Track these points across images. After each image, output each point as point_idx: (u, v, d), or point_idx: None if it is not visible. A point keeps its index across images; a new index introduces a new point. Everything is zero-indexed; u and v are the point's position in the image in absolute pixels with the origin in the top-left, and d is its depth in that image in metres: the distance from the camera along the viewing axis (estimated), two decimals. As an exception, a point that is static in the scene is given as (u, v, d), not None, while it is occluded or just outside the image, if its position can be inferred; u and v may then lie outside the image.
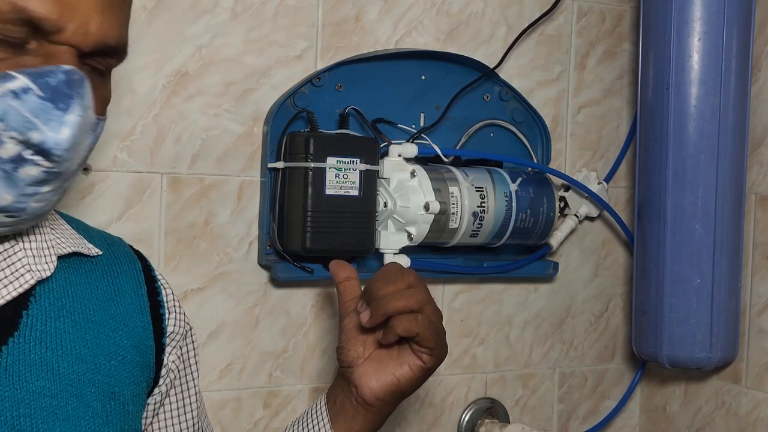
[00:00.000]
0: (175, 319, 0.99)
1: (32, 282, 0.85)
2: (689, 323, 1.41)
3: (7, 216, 0.79)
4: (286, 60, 1.31)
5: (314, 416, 1.06)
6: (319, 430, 1.05)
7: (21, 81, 0.74)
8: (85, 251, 0.92)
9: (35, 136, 0.75)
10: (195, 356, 1.03)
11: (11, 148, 0.75)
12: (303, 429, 1.07)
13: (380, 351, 1.02)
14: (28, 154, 0.75)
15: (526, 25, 1.47)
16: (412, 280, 1.01)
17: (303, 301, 1.35)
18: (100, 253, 0.93)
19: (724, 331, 1.43)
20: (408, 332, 0.98)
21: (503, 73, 1.45)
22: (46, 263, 0.87)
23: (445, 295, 1.46)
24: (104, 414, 0.88)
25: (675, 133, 1.39)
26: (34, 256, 0.86)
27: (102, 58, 0.82)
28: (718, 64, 1.37)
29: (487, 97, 1.44)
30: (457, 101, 1.40)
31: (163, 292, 0.99)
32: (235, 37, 1.28)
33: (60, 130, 0.75)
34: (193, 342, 1.03)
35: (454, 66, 1.40)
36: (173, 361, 0.99)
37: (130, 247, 1.00)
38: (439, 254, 1.39)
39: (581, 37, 1.54)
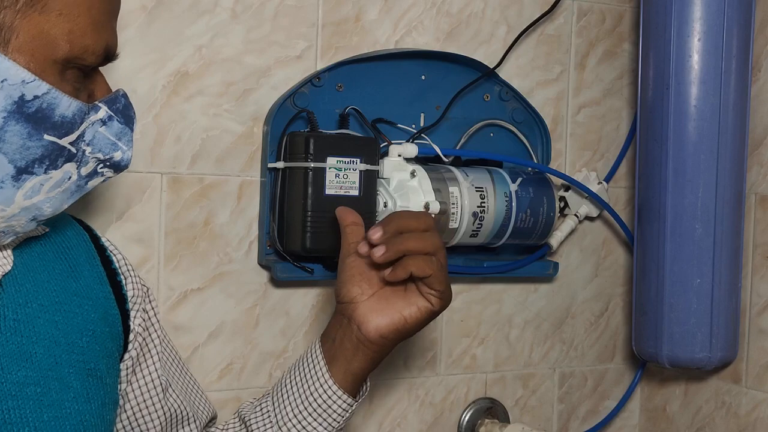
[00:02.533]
0: (133, 283, 1.01)
1: None
2: (689, 323, 1.41)
3: (47, 219, 0.87)
4: (286, 60, 1.31)
5: (310, 359, 1.07)
6: (316, 372, 1.06)
7: (104, 111, 0.86)
8: (33, 232, 0.93)
9: (117, 155, 0.87)
10: (155, 315, 1.05)
11: (91, 166, 0.86)
12: (299, 374, 1.07)
13: (386, 290, 1.04)
14: (100, 167, 0.87)
15: (526, 25, 1.47)
16: (432, 223, 1.04)
17: (303, 301, 1.35)
18: (47, 230, 0.94)
19: (724, 331, 1.43)
20: (422, 273, 1.01)
21: (503, 73, 1.45)
22: (4, 258, 0.88)
23: (445, 295, 1.46)
24: (85, 392, 0.90)
25: (675, 133, 1.39)
26: None
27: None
28: (718, 64, 1.37)
29: (487, 97, 1.44)
30: (457, 101, 1.40)
31: (114, 258, 1.01)
32: (235, 37, 1.28)
33: (131, 147, 0.89)
34: (151, 302, 1.05)
35: (454, 66, 1.40)
36: (139, 324, 1.01)
37: (71, 216, 1.01)
38: (439, 254, 1.39)
39: (581, 37, 1.54)
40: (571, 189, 1.52)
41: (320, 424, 1.06)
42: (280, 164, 1.27)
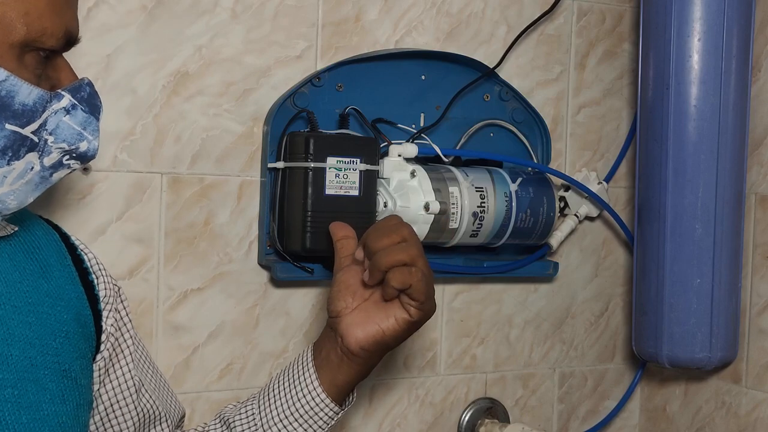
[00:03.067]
0: (105, 282, 0.99)
1: None
2: (689, 323, 1.41)
3: (13, 214, 0.85)
4: (286, 60, 1.31)
5: (300, 367, 1.08)
6: (304, 379, 1.06)
7: (67, 99, 0.83)
8: (1, 232, 0.91)
9: (83, 146, 0.85)
10: (127, 314, 1.03)
11: (55, 157, 0.84)
12: (288, 379, 1.08)
13: (368, 303, 1.05)
14: (65, 158, 0.84)
15: (526, 25, 1.47)
16: (406, 234, 1.04)
17: (303, 301, 1.35)
18: (16, 228, 0.92)
19: (724, 331, 1.43)
20: (402, 284, 1.01)
21: (503, 73, 1.45)
22: None
23: (445, 295, 1.46)
24: (60, 394, 0.89)
25: (675, 133, 1.39)
26: None
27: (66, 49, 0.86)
28: (718, 64, 1.37)
29: (487, 97, 1.44)
30: (457, 101, 1.40)
31: (86, 258, 0.99)
32: (235, 37, 1.28)
33: (97, 137, 0.86)
34: (123, 302, 1.03)
35: (454, 66, 1.40)
36: (111, 325, 0.99)
37: (39, 216, 1.00)
38: (439, 254, 1.39)
39: (581, 37, 1.54)
40: (571, 189, 1.52)
41: (305, 430, 1.06)
42: (280, 164, 1.27)
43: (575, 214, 1.52)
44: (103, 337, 0.98)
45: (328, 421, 1.07)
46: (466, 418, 1.49)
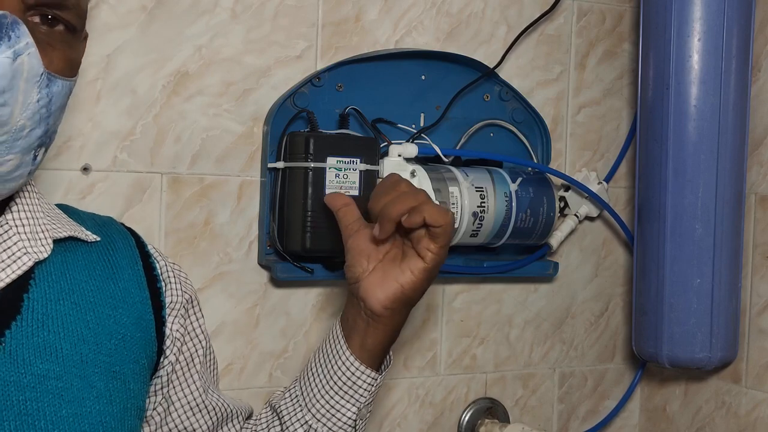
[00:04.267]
0: (173, 289, 1.00)
1: (30, 264, 0.87)
2: (689, 323, 1.41)
3: None
4: (286, 60, 1.31)
5: (331, 341, 1.09)
6: (337, 351, 1.07)
7: None
8: (83, 237, 0.93)
9: None
10: (197, 320, 1.05)
11: None
12: (324, 355, 1.09)
13: (383, 263, 1.06)
14: None
15: (526, 25, 1.47)
16: (405, 186, 1.06)
17: (303, 301, 1.35)
18: (98, 239, 0.95)
19: (724, 331, 1.43)
20: (417, 222, 1.01)
21: (503, 73, 1.45)
22: (42, 246, 0.88)
23: (445, 295, 1.46)
24: (107, 393, 0.89)
25: (675, 133, 1.39)
26: (29, 239, 0.88)
27: (50, 9, 0.82)
28: (718, 64, 1.37)
29: (487, 97, 1.44)
30: (457, 101, 1.40)
31: (158, 264, 1.00)
32: (235, 37, 1.28)
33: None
34: (194, 308, 1.04)
35: (454, 66, 1.40)
36: (177, 330, 1.00)
37: (122, 224, 1.02)
38: (439, 254, 1.39)
39: (581, 37, 1.54)
40: (571, 189, 1.52)
41: (347, 401, 1.07)
42: (280, 164, 1.27)
43: (575, 214, 1.52)
44: (168, 342, 0.99)
45: (368, 389, 1.08)
46: (466, 418, 1.49)
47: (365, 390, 1.08)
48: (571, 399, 1.59)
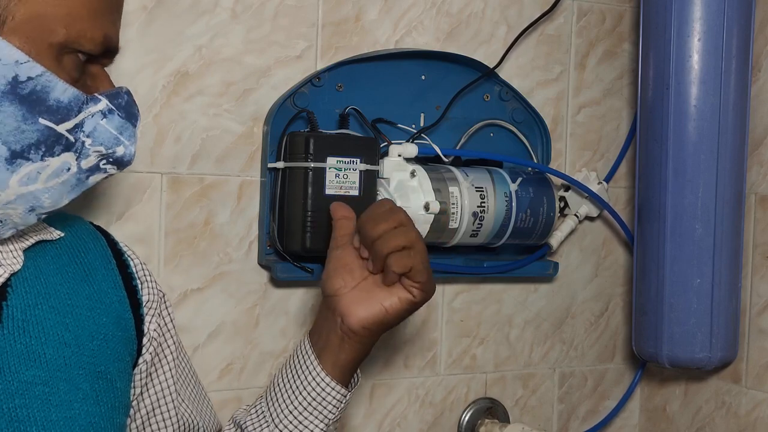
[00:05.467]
0: (149, 287, 1.01)
1: (6, 276, 0.87)
2: (689, 323, 1.41)
3: (48, 213, 0.86)
4: (286, 60, 1.31)
5: (300, 355, 1.08)
6: (307, 366, 1.06)
7: (104, 103, 0.84)
8: (48, 236, 0.93)
9: (120, 150, 0.86)
10: (171, 321, 1.05)
11: (92, 160, 0.85)
12: (291, 370, 1.08)
13: (368, 281, 1.06)
14: (102, 162, 0.86)
15: (526, 25, 1.47)
16: (401, 218, 1.06)
17: (303, 301, 1.35)
18: (62, 235, 0.95)
19: (724, 331, 1.43)
20: (404, 268, 1.03)
21: (503, 73, 1.45)
22: (14, 258, 0.88)
23: (445, 295, 1.46)
24: (94, 394, 0.89)
25: (675, 133, 1.39)
26: (1, 252, 0.88)
27: (106, 60, 0.88)
28: (718, 64, 1.37)
29: (487, 97, 1.44)
30: (457, 101, 1.40)
31: (132, 263, 1.00)
32: (235, 37, 1.28)
33: (134, 143, 0.87)
34: (167, 308, 1.04)
35: (454, 66, 1.40)
36: (154, 330, 1.01)
37: (91, 223, 1.02)
38: (439, 254, 1.39)
39: (581, 37, 1.54)
40: (571, 189, 1.52)
41: (316, 417, 1.06)
42: (280, 164, 1.27)
43: (575, 214, 1.52)
44: (145, 340, 0.99)
45: (337, 405, 1.06)
46: (466, 418, 1.49)
47: (334, 406, 1.06)
48: (571, 399, 1.59)
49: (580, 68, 1.54)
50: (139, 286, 1.00)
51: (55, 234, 0.94)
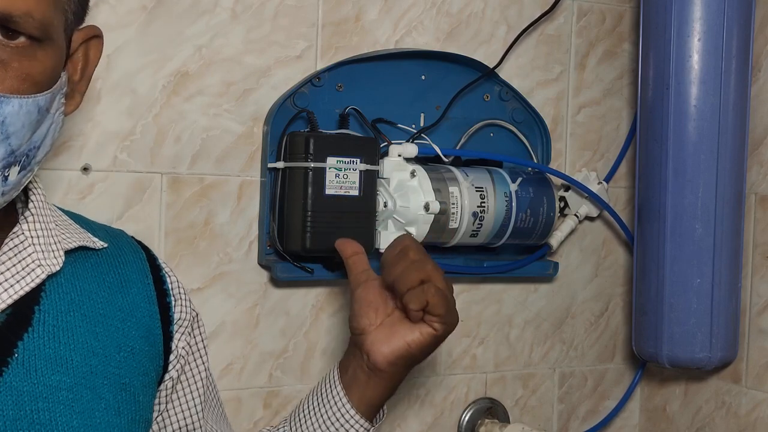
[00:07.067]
0: (182, 306, 1.01)
1: (43, 276, 0.87)
2: (689, 323, 1.41)
3: None
4: (286, 60, 1.31)
5: (328, 387, 1.08)
6: (333, 397, 1.07)
7: None
8: (91, 245, 0.94)
9: None
10: (203, 341, 1.05)
11: None
12: (318, 399, 1.08)
13: (392, 318, 1.06)
14: None
15: (526, 25, 1.47)
16: (413, 255, 1.05)
17: (303, 301, 1.35)
18: (105, 245, 0.95)
19: (724, 331, 1.43)
20: (420, 305, 1.02)
21: (503, 73, 1.45)
22: (55, 258, 0.88)
23: (445, 295, 1.46)
24: (116, 405, 0.89)
25: (675, 133, 1.39)
26: (43, 251, 0.88)
27: (6, 29, 0.79)
28: (718, 64, 1.37)
29: (487, 97, 1.44)
30: (457, 101, 1.40)
31: (168, 280, 1.00)
32: (235, 37, 1.28)
33: None
34: (200, 328, 1.04)
35: (454, 66, 1.40)
36: (183, 347, 1.00)
37: (133, 238, 1.02)
38: (439, 254, 1.39)
39: (581, 37, 1.54)
40: (571, 189, 1.52)
41: None
42: (280, 164, 1.27)
43: (575, 214, 1.52)
44: (172, 357, 0.99)
45: None
46: (466, 418, 1.49)
47: None
48: (571, 399, 1.59)
49: (580, 68, 1.54)
50: (173, 303, 0.99)
51: (99, 244, 0.94)
